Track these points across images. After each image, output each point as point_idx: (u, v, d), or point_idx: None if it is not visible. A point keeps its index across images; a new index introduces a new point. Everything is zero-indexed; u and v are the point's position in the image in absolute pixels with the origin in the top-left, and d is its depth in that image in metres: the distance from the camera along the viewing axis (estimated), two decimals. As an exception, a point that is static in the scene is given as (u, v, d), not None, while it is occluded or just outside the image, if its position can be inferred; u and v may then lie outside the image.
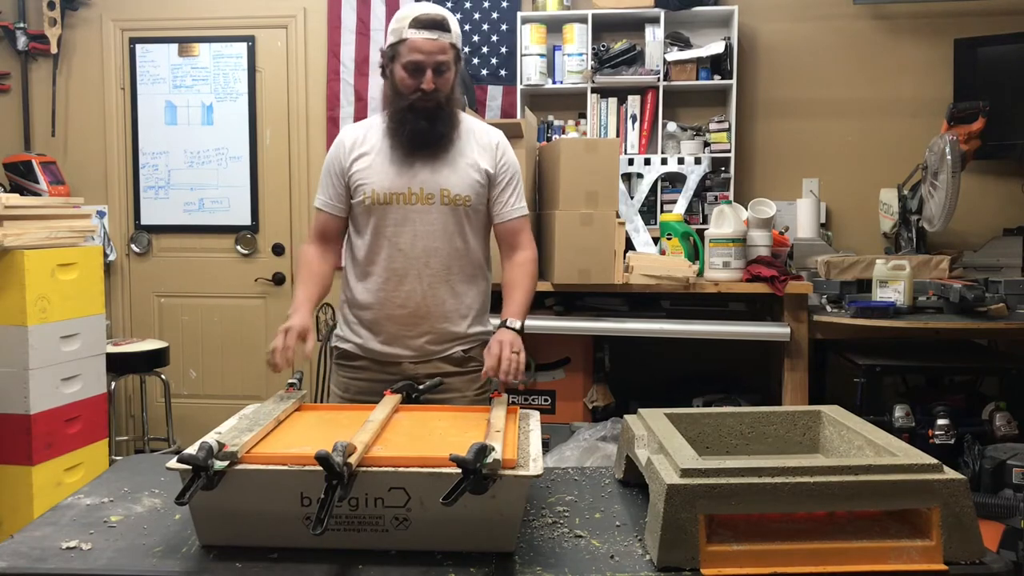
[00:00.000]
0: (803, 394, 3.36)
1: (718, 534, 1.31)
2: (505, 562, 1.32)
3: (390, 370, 2.13)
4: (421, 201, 2.07)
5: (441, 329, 2.12)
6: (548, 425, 3.27)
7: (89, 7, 4.54)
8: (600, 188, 3.28)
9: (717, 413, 1.71)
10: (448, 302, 2.12)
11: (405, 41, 2.01)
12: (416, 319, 2.11)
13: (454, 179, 2.08)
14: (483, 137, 2.16)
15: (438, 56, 2.01)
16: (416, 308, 2.10)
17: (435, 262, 2.09)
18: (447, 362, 2.14)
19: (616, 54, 4.07)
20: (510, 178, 2.17)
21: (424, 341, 2.12)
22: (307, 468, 1.29)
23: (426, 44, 2.00)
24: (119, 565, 1.31)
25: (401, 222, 2.07)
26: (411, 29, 2.00)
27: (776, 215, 3.58)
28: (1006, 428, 3.06)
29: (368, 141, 2.12)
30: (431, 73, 2.01)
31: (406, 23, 2.00)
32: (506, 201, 2.16)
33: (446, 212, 2.08)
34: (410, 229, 2.07)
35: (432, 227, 2.08)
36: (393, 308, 2.10)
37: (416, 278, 2.08)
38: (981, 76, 3.92)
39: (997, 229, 3.98)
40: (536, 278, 2.21)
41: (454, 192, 2.08)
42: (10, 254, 3.09)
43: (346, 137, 2.15)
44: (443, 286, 2.10)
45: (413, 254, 2.08)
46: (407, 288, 2.09)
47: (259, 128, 4.52)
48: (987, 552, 1.31)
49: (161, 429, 4.29)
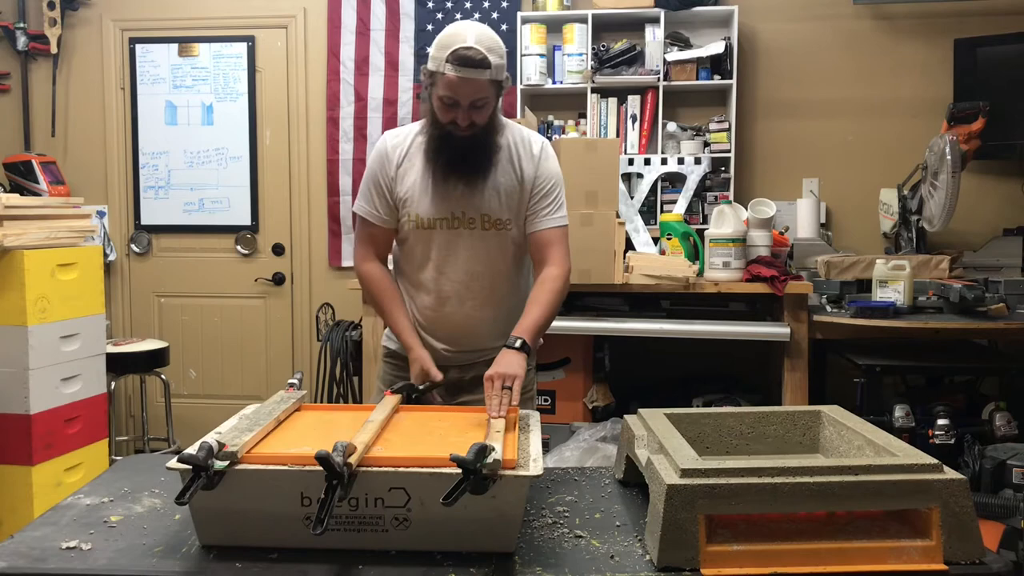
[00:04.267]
0: (803, 394, 3.36)
1: (718, 534, 1.31)
2: (505, 562, 1.32)
3: None
4: (463, 225, 2.03)
5: (485, 346, 2.09)
6: (548, 425, 3.27)
7: (89, 7, 4.54)
8: (600, 188, 3.28)
9: (717, 413, 1.71)
10: (491, 324, 2.08)
11: (443, 75, 1.89)
12: (457, 338, 2.09)
13: (495, 203, 2.03)
14: (524, 146, 2.08)
15: (474, 96, 1.90)
16: (455, 329, 2.07)
17: (476, 286, 2.05)
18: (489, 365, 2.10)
19: (616, 54, 4.07)
20: (549, 187, 2.07)
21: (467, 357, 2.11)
22: (307, 468, 1.29)
23: (463, 85, 1.88)
24: (119, 565, 1.31)
25: (444, 246, 2.04)
26: (448, 64, 1.87)
27: (776, 215, 3.58)
28: (1006, 428, 3.06)
29: (411, 156, 2.06)
30: (465, 112, 1.91)
31: (445, 54, 1.87)
32: (539, 211, 2.06)
33: (488, 236, 2.04)
34: (453, 254, 2.04)
35: (474, 251, 2.04)
36: (436, 328, 2.08)
37: (458, 302, 2.05)
38: (981, 76, 3.92)
39: (997, 229, 3.98)
40: (561, 297, 2.05)
41: (495, 216, 2.03)
42: (10, 254, 3.09)
43: (389, 147, 2.07)
44: (485, 309, 2.07)
45: (456, 278, 2.05)
46: (448, 310, 2.06)
47: (259, 128, 4.52)
48: (987, 552, 1.31)
49: (161, 429, 4.29)
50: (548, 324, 2.02)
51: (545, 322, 2.00)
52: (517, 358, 1.84)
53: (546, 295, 2.00)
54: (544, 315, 1.99)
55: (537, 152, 2.08)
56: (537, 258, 2.08)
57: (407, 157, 2.06)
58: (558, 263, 2.05)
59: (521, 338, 1.90)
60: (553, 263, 2.05)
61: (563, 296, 2.06)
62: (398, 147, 2.07)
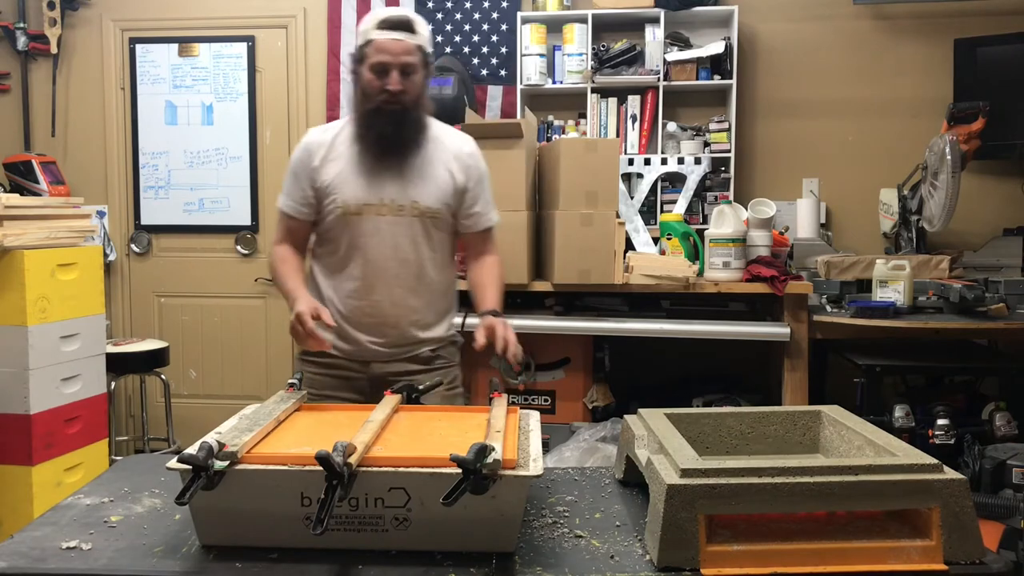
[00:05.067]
0: (803, 394, 3.36)
1: (718, 534, 1.31)
2: (505, 562, 1.32)
3: (357, 369, 2.13)
4: (392, 212, 2.07)
5: (411, 336, 2.13)
6: (548, 425, 3.27)
7: (89, 7, 4.54)
8: (600, 188, 3.28)
9: (717, 413, 1.71)
10: (418, 311, 2.12)
11: (372, 42, 2.00)
12: (385, 327, 2.11)
13: (424, 191, 2.07)
14: (453, 145, 2.14)
15: (404, 57, 1.99)
16: (385, 317, 2.10)
17: (405, 272, 2.09)
18: (414, 361, 2.15)
19: (616, 54, 4.07)
20: (482, 188, 2.16)
21: (391, 347, 2.13)
22: (307, 468, 1.29)
23: (392, 44, 1.98)
24: (119, 565, 1.31)
25: (372, 233, 2.07)
26: (377, 30, 1.99)
27: (776, 215, 3.58)
28: (1006, 428, 3.06)
29: (336, 147, 2.10)
30: (397, 74, 1.99)
31: (373, 24, 2.00)
32: (477, 213, 2.16)
33: (416, 224, 2.08)
34: (380, 240, 2.07)
35: (402, 238, 2.08)
36: (362, 316, 2.10)
37: (385, 288, 2.08)
38: (981, 76, 3.92)
39: (997, 229, 3.98)
40: (504, 279, 2.20)
41: (424, 204, 2.08)
42: (10, 254, 3.09)
43: (313, 140, 2.12)
44: (412, 295, 2.11)
45: (383, 264, 2.07)
46: (376, 298, 2.09)
47: (259, 128, 4.52)
48: (987, 552, 1.31)
49: (161, 429, 4.29)
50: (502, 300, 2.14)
51: (501, 298, 2.12)
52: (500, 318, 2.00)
53: (495, 276, 2.16)
54: (500, 291, 2.13)
55: (470, 150, 2.16)
56: (476, 250, 2.20)
57: (331, 147, 2.10)
58: (496, 251, 2.22)
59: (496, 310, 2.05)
60: (493, 252, 2.21)
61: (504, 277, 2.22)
62: (321, 139, 2.12)
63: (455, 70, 4.03)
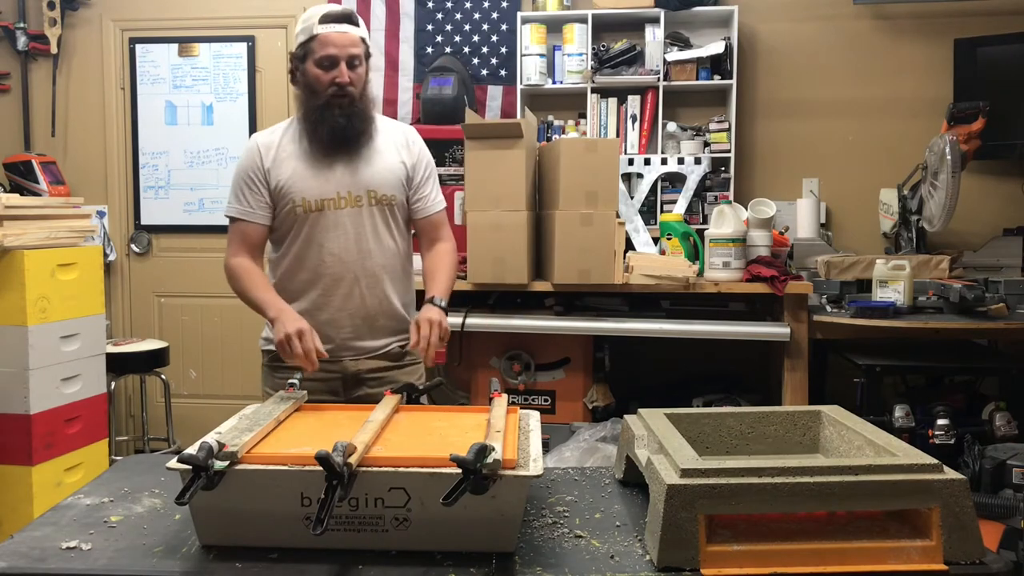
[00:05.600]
0: (803, 394, 3.35)
1: (718, 534, 1.31)
2: (505, 562, 1.32)
3: (329, 368, 2.10)
4: (350, 204, 2.08)
5: (382, 326, 2.14)
6: (548, 425, 3.27)
7: (89, 7, 4.54)
8: (600, 188, 3.28)
9: (717, 413, 1.71)
10: (385, 301, 2.13)
11: (316, 37, 2.02)
12: (355, 320, 2.11)
13: (378, 179, 2.09)
14: (396, 134, 2.17)
15: (350, 49, 2.02)
16: (355, 310, 2.10)
17: (370, 263, 2.09)
18: (385, 358, 2.16)
19: (616, 54, 4.07)
20: (429, 172, 2.19)
21: (364, 340, 2.13)
22: (307, 468, 1.29)
23: (339, 37, 2.01)
24: (119, 565, 1.31)
25: (333, 227, 2.07)
26: (321, 25, 2.01)
27: (776, 215, 3.58)
28: (1006, 428, 3.06)
29: (284, 147, 2.09)
30: (344, 66, 2.02)
31: (315, 20, 2.02)
32: (427, 196, 2.18)
33: (375, 213, 2.10)
34: (342, 233, 2.07)
35: (363, 229, 2.09)
36: (331, 312, 2.09)
37: (353, 281, 2.09)
38: (981, 76, 3.92)
39: (997, 229, 3.98)
40: (457, 266, 2.23)
41: (381, 192, 2.09)
42: (10, 254, 3.09)
43: (259, 143, 2.11)
44: (379, 286, 2.12)
45: (348, 258, 2.07)
46: (343, 292, 2.09)
47: (259, 128, 4.50)
48: (987, 552, 1.31)
49: (161, 429, 4.29)
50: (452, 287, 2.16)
51: (452, 285, 2.14)
52: (442, 313, 2.02)
53: (447, 263, 2.16)
54: (451, 278, 2.15)
55: (412, 137, 2.20)
56: (428, 238, 2.21)
57: (279, 148, 2.10)
58: (448, 238, 2.22)
59: (442, 298, 2.07)
60: (446, 239, 2.22)
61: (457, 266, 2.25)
62: (268, 141, 2.12)
63: (455, 70, 4.02)
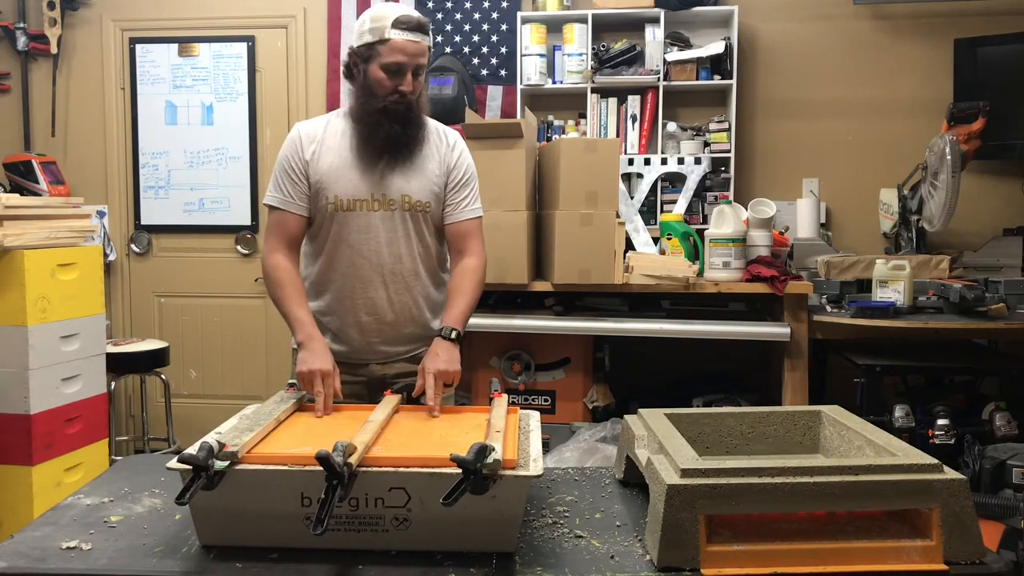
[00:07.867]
0: (803, 394, 3.35)
1: (718, 534, 1.31)
2: (505, 562, 1.32)
3: (356, 371, 2.10)
4: (383, 207, 2.04)
5: (408, 333, 2.11)
6: (548, 425, 3.27)
7: (89, 7, 4.54)
8: (600, 188, 3.28)
9: (717, 413, 1.71)
10: (414, 307, 2.10)
11: (387, 41, 1.96)
12: (382, 325, 2.09)
13: (415, 185, 2.06)
14: (441, 138, 2.14)
15: (419, 59, 1.99)
16: (383, 314, 2.08)
17: (399, 267, 2.07)
18: (413, 362, 2.11)
19: (616, 54, 4.07)
20: (466, 179, 2.13)
21: (390, 345, 2.11)
22: (307, 468, 1.29)
23: (410, 46, 1.96)
24: (119, 565, 1.31)
25: (364, 229, 2.04)
26: (394, 30, 1.95)
27: (776, 215, 3.58)
28: (1006, 428, 3.06)
29: (327, 141, 2.07)
30: (410, 76, 1.99)
31: (388, 23, 1.96)
32: (458, 202, 2.12)
33: (407, 218, 2.06)
34: (373, 236, 2.04)
35: (395, 233, 2.06)
36: (359, 315, 2.08)
37: (381, 285, 2.06)
38: (981, 76, 3.92)
39: (997, 229, 3.98)
40: (482, 287, 2.12)
41: (415, 198, 2.06)
42: (10, 254, 3.09)
43: (303, 133, 2.09)
44: (408, 291, 2.09)
45: (378, 261, 2.05)
46: (371, 295, 2.06)
47: (259, 128, 4.52)
48: (987, 552, 1.31)
49: (161, 429, 4.29)
50: (472, 312, 2.09)
51: (471, 311, 2.07)
52: (454, 352, 1.94)
53: (469, 284, 2.07)
54: (470, 304, 2.07)
55: (454, 141, 2.15)
56: (455, 248, 2.14)
57: (322, 142, 2.07)
58: (476, 254, 2.12)
59: (455, 329, 1.99)
60: (472, 254, 2.12)
61: (483, 286, 2.13)
62: (311, 132, 2.09)
63: (455, 70, 4.02)
